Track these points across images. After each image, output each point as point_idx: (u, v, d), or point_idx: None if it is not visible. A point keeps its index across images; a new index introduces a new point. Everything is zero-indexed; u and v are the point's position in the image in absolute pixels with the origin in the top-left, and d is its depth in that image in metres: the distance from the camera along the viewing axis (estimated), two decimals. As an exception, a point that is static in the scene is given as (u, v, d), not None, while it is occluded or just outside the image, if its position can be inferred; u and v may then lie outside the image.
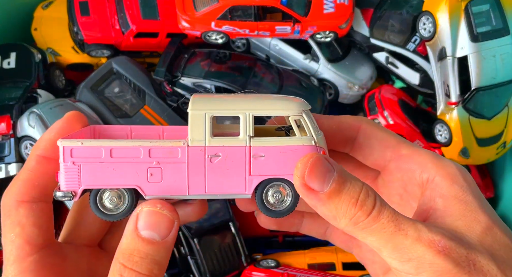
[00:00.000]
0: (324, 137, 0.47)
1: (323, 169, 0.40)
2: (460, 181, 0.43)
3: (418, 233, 0.38)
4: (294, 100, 0.46)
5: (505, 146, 1.38)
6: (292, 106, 0.45)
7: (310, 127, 0.45)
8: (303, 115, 0.45)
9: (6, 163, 1.26)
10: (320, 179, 0.40)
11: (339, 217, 0.40)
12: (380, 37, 1.47)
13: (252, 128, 0.44)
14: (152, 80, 1.49)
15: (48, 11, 1.58)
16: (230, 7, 1.36)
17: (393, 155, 0.47)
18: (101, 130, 0.53)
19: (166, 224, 0.41)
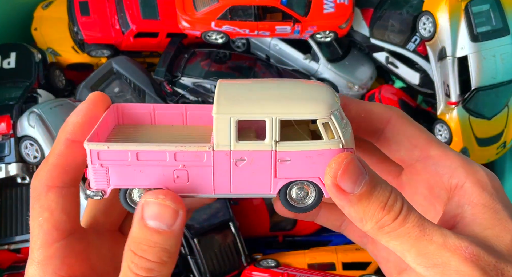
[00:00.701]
0: (352, 132, 0.46)
1: (356, 171, 0.40)
2: (490, 189, 0.41)
3: (444, 238, 0.38)
4: (323, 99, 0.44)
5: (505, 146, 1.38)
6: (320, 108, 0.43)
7: (338, 129, 0.43)
8: (331, 117, 0.43)
9: (6, 163, 1.26)
10: (353, 181, 0.40)
11: (366, 219, 0.40)
12: (380, 37, 1.47)
13: (278, 132, 0.43)
14: (152, 80, 1.49)
15: (48, 11, 1.58)
16: (230, 7, 1.36)
17: (421, 154, 0.45)
18: (124, 109, 0.53)
19: (170, 214, 0.41)
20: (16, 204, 1.30)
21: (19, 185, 1.30)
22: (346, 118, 0.46)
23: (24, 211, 1.30)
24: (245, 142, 0.44)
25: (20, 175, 1.27)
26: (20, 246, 1.32)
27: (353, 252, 1.34)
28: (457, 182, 0.43)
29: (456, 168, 0.43)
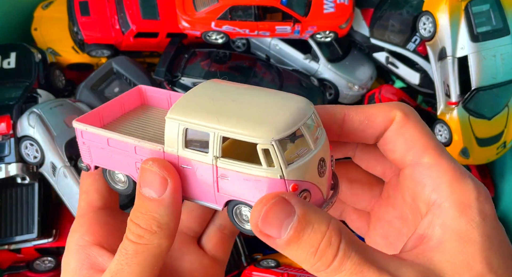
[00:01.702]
0: (325, 147, 0.44)
1: (281, 216, 0.37)
2: (472, 214, 0.37)
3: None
4: (273, 123, 0.41)
5: (505, 146, 1.38)
6: (262, 133, 0.40)
7: (279, 158, 0.40)
8: (273, 144, 0.39)
9: (6, 163, 1.26)
10: (276, 226, 0.36)
11: (300, 262, 0.38)
12: (380, 37, 1.47)
13: (219, 148, 0.42)
14: (152, 80, 1.49)
15: (48, 11, 1.58)
16: (230, 7, 1.36)
17: (413, 160, 0.42)
18: (146, 91, 0.58)
19: (159, 181, 0.42)
20: (16, 204, 1.30)
21: (19, 185, 1.30)
22: (322, 133, 0.44)
23: (24, 211, 1.30)
24: (190, 151, 0.43)
25: (20, 175, 1.27)
26: (20, 246, 1.32)
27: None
28: (436, 199, 0.39)
29: (441, 183, 0.39)
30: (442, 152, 0.42)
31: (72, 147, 1.27)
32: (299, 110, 0.43)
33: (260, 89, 0.48)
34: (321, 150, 0.43)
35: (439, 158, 0.41)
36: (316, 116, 0.44)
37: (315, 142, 0.43)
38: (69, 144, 1.26)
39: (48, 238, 1.31)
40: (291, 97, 0.46)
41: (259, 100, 0.45)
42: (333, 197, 0.46)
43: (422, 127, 0.43)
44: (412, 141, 0.43)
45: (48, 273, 1.33)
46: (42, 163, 1.26)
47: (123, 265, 0.42)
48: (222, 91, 0.47)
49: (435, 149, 0.42)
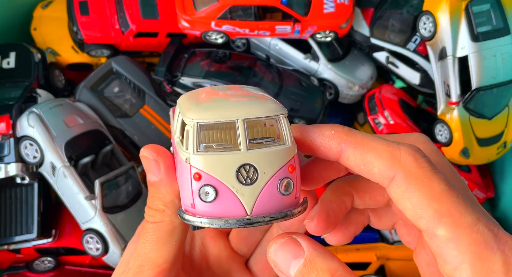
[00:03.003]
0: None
1: (289, 256, 0.38)
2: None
3: None
4: (203, 109, 0.40)
5: (506, 146, 1.38)
6: (192, 115, 0.39)
7: (190, 142, 0.39)
8: (192, 126, 0.39)
9: (6, 163, 1.25)
10: (285, 266, 0.38)
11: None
12: (381, 36, 1.46)
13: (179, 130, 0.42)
14: (152, 80, 1.48)
15: (47, 10, 1.57)
16: (230, 7, 1.36)
17: (427, 229, 0.35)
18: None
19: (152, 164, 0.44)
20: (16, 204, 1.30)
21: (19, 185, 1.30)
22: (273, 144, 0.40)
23: (24, 211, 1.30)
24: (177, 145, 0.43)
25: (19, 175, 1.27)
26: (20, 246, 1.32)
27: (354, 252, 1.34)
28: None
29: (462, 262, 0.33)
30: (462, 217, 0.34)
31: (71, 147, 1.27)
32: (252, 108, 0.40)
33: (246, 91, 0.46)
34: (252, 157, 0.39)
35: (458, 228, 0.34)
36: (281, 126, 0.40)
37: (247, 144, 0.39)
38: (68, 144, 1.26)
39: (47, 238, 1.31)
40: (267, 99, 0.42)
41: (233, 94, 0.44)
42: (269, 218, 0.40)
43: (434, 186, 0.35)
44: (421, 208, 0.35)
45: (48, 273, 1.32)
46: (42, 163, 1.26)
47: (145, 243, 0.45)
48: (209, 92, 0.46)
49: (452, 215, 0.34)
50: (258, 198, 0.39)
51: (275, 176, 0.39)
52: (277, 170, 0.39)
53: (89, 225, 1.26)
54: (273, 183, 0.39)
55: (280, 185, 0.39)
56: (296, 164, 0.40)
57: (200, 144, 0.39)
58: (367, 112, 1.50)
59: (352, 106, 1.62)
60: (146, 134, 1.45)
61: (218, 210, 0.39)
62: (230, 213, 0.39)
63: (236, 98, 0.42)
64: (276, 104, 0.41)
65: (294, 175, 0.40)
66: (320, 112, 1.45)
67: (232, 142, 0.40)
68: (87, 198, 1.24)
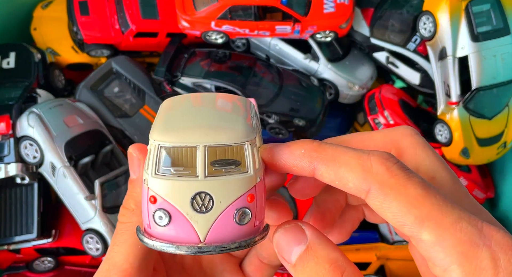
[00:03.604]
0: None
1: (292, 241, 0.38)
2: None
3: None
4: (170, 129, 0.40)
5: (506, 146, 1.38)
6: (155, 135, 0.40)
7: (149, 163, 0.39)
8: (154, 147, 0.39)
9: (6, 163, 1.25)
10: (288, 251, 0.38)
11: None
12: (381, 36, 1.46)
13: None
14: (152, 80, 1.48)
15: (47, 10, 1.57)
16: (230, 7, 1.36)
17: (412, 235, 0.35)
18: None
19: (135, 162, 0.43)
20: (16, 204, 1.30)
21: (19, 185, 1.30)
22: (237, 173, 0.40)
23: (24, 211, 1.30)
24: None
25: (19, 175, 1.27)
26: (20, 246, 1.32)
27: (353, 253, 1.34)
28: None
29: (450, 264, 0.34)
30: (443, 218, 0.34)
31: (71, 147, 1.27)
32: (217, 133, 0.39)
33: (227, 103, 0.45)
34: (209, 185, 0.38)
35: (441, 230, 0.34)
36: (245, 153, 0.39)
37: (205, 171, 0.38)
38: (68, 144, 1.26)
39: (47, 238, 1.31)
40: (239, 121, 0.41)
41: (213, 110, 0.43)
42: (222, 247, 0.40)
43: (410, 192, 0.35)
44: (402, 216, 0.35)
45: (48, 273, 1.32)
46: (42, 163, 1.26)
47: (113, 246, 0.43)
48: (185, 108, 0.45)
49: (433, 218, 0.34)
50: (212, 227, 0.39)
51: (231, 206, 0.39)
52: (234, 200, 0.39)
53: (89, 225, 1.26)
54: (229, 212, 0.39)
55: (237, 214, 0.39)
56: (258, 192, 0.39)
57: (159, 166, 0.39)
58: (367, 112, 1.50)
59: (352, 106, 1.62)
60: (146, 134, 1.43)
61: (171, 235, 0.39)
62: (183, 239, 0.39)
63: (207, 118, 0.41)
64: (245, 128, 0.40)
65: (253, 204, 0.39)
66: (320, 112, 1.45)
67: (193, 166, 0.39)
68: (87, 198, 1.24)
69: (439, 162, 0.41)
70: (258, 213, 0.40)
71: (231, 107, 0.44)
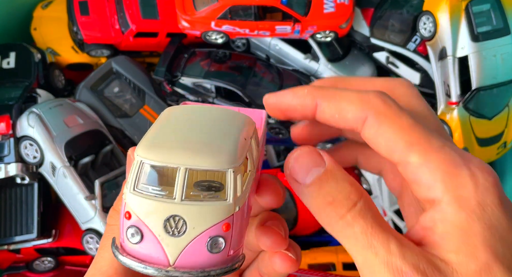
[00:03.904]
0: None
1: (310, 163, 0.39)
2: (471, 207, 0.36)
3: (389, 256, 0.35)
4: (157, 145, 0.38)
5: (506, 146, 1.38)
6: (138, 151, 0.38)
7: (130, 179, 0.38)
8: (137, 162, 0.38)
9: (6, 163, 1.25)
10: (303, 172, 0.39)
11: (316, 213, 0.39)
12: (381, 36, 1.46)
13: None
14: (152, 80, 1.49)
15: (47, 10, 1.57)
16: (230, 7, 1.36)
17: (400, 160, 0.39)
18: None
19: (129, 163, 0.43)
20: (16, 204, 1.30)
21: (19, 185, 1.30)
22: (211, 200, 0.39)
23: (24, 211, 1.30)
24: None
25: (19, 175, 1.27)
26: (20, 246, 1.32)
27: (353, 253, 1.34)
28: (434, 198, 0.38)
29: (434, 181, 0.37)
30: (430, 144, 0.38)
31: (71, 147, 1.27)
32: (201, 156, 0.38)
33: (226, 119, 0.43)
34: (184, 209, 0.38)
35: (427, 153, 0.38)
36: (226, 180, 0.38)
37: (182, 195, 0.38)
38: (68, 144, 1.26)
39: (47, 239, 1.31)
40: (230, 143, 0.40)
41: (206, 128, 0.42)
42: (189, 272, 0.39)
43: (405, 123, 0.39)
44: (394, 142, 0.39)
45: (48, 273, 1.32)
46: (42, 163, 1.26)
47: (100, 249, 0.43)
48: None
49: (421, 143, 0.38)
50: (183, 252, 0.38)
51: (204, 233, 0.38)
52: (208, 227, 0.38)
53: (89, 225, 1.26)
54: (201, 239, 0.38)
55: (209, 242, 0.38)
56: (235, 222, 0.38)
57: (138, 183, 0.38)
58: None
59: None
60: (146, 134, 1.45)
61: (141, 253, 0.38)
62: (153, 260, 0.38)
63: (197, 137, 0.40)
64: (232, 154, 0.38)
65: (228, 233, 0.38)
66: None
67: (173, 186, 0.38)
68: (87, 198, 1.24)
69: (429, 112, 0.44)
70: (234, 242, 0.39)
71: (228, 127, 0.42)
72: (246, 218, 0.40)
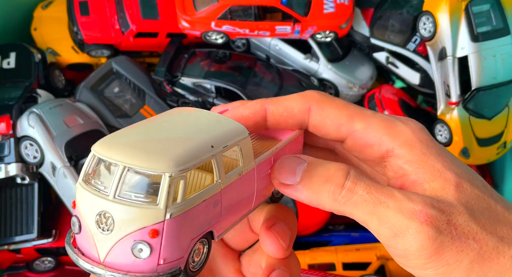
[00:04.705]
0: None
1: (292, 164, 0.43)
2: (418, 145, 0.43)
3: (399, 203, 0.39)
4: (120, 147, 0.38)
5: (506, 146, 1.38)
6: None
7: (83, 169, 0.38)
8: (93, 155, 0.39)
9: (6, 163, 1.25)
10: (291, 173, 0.43)
11: (319, 199, 0.42)
12: (380, 37, 1.47)
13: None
14: (152, 80, 1.49)
15: (47, 11, 1.58)
16: (230, 7, 1.36)
17: (348, 131, 0.46)
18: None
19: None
20: (16, 204, 1.30)
21: (19, 185, 1.30)
22: (141, 201, 0.37)
23: (24, 211, 1.30)
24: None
25: (19, 175, 1.27)
26: (20, 246, 1.32)
27: (353, 252, 1.34)
28: (387, 149, 0.44)
29: (380, 136, 0.44)
30: (365, 113, 0.46)
31: (71, 147, 1.27)
32: (142, 156, 0.37)
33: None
34: (114, 207, 0.37)
35: (368, 118, 0.45)
36: (161, 185, 0.37)
37: (116, 192, 0.37)
38: (68, 144, 1.26)
39: (48, 239, 1.31)
40: (187, 145, 0.40)
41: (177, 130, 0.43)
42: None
43: (342, 104, 0.47)
44: (338, 118, 0.46)
45: (48, 273, 1.33)
46: (42, 163, 1.26)
47: None
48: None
49: (360, 114, 0.46)
50: (110, 250, 0.37)
51: (130, 236, 0.37)
52: (134, 230, 0.37)
53: (89, 225, 1.26)
54: (127, 241, 0.37)
55: (134, 246, 0.37)
56: (167, 230, 0.37)
57: (88, 174, 0.38)
58: (367, 112, 1.50)
59: (352, 106, 1.62)
60: (146, 134, 1.45)
61: (80, 244, 0.38)
62: (87, 252, 0.38)
63: (156, 139, 0.40)
64: (180, 157, 0.37)
65: (156, 241, 0.37)
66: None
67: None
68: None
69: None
70: (166, 252, 0.37)
71: (199, 133, 0.41)
72: (182, 229, 0.38)
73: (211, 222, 0.40)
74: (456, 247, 0.38)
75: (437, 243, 0.38)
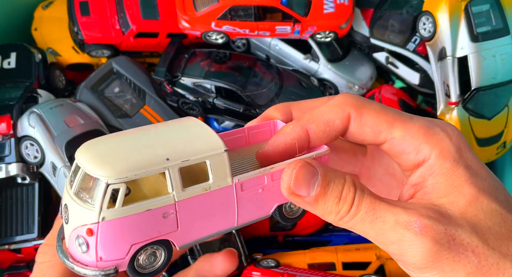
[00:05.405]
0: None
1: (308, 176, 0.43)
2: (452, 155, 0.44)
3: (395, 217, 0.41)
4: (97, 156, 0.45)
5: (505, 146, 1.38)
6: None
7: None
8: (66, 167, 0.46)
9: (6, 163, 1.26)
10: (306, 185, 0.43)
11: (326, 215, 0.44)
12: (380, 37, 1.47)
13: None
14: (152, 80, 1.49)
15: (48, 11, 1.58)
16: (230, 7, 1.36)
17: (386, 137, 0.47)
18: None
19: None
20: (16, 204, 1.30)
21: (19, 185, 1.31)
22: (95, 196, 0.42)
23: (24, 211, 1.30)
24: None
25: (20, 175, 1.27)
26: (20, 246, 1.32)
27: (353, 252, 1.34)
28: (424, 157, 0.45)
29: (419, 144, 0.45)
30: (403, 118, 0.47)
31: (72, 147, 1.27)
32: (96, 160, 0.42)
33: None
34: (70, 202, 0.42)
35: (407, 125, 0.46)
36: (98, 191, 0.41)
37: (76, 188, 0.42)
38: (69, 144, 1.26)
39: (48, 238, 1.31)
40: (145, 154, 0.44)
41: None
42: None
43: (380, 109, 0.47)
44: (377, 125, 0.46)
45: (48, 273, 1.33)
46: (43, 163, 1.26)
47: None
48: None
49: (399, 120, 0.47)
50: (68, 239, 0.42)
51: (76, 230, 0.41)
52: (77, 226, 0.41)
53: (90, 225, 1.26)
54: (74, 234, 0.41)
55: (77, 240, 0.41)
56: (103, 231, 0.40)
57: (72, 173, 0.44)
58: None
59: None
60: (147, 134, 1.45)
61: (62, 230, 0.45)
62: (64, 237, 0.44)
63: (128, 147, 0.43)
64: (124, 166, 0.40)
65: (92, 239, 0.40)
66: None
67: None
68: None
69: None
70: (103, 250, 0.40)
71: (166, 145, 0.44)
72: (123, 230, 0.41)
73: (161, 232, 0.42)
74: (453, 257, 0.39)
75: (433, 252, 0.39)
